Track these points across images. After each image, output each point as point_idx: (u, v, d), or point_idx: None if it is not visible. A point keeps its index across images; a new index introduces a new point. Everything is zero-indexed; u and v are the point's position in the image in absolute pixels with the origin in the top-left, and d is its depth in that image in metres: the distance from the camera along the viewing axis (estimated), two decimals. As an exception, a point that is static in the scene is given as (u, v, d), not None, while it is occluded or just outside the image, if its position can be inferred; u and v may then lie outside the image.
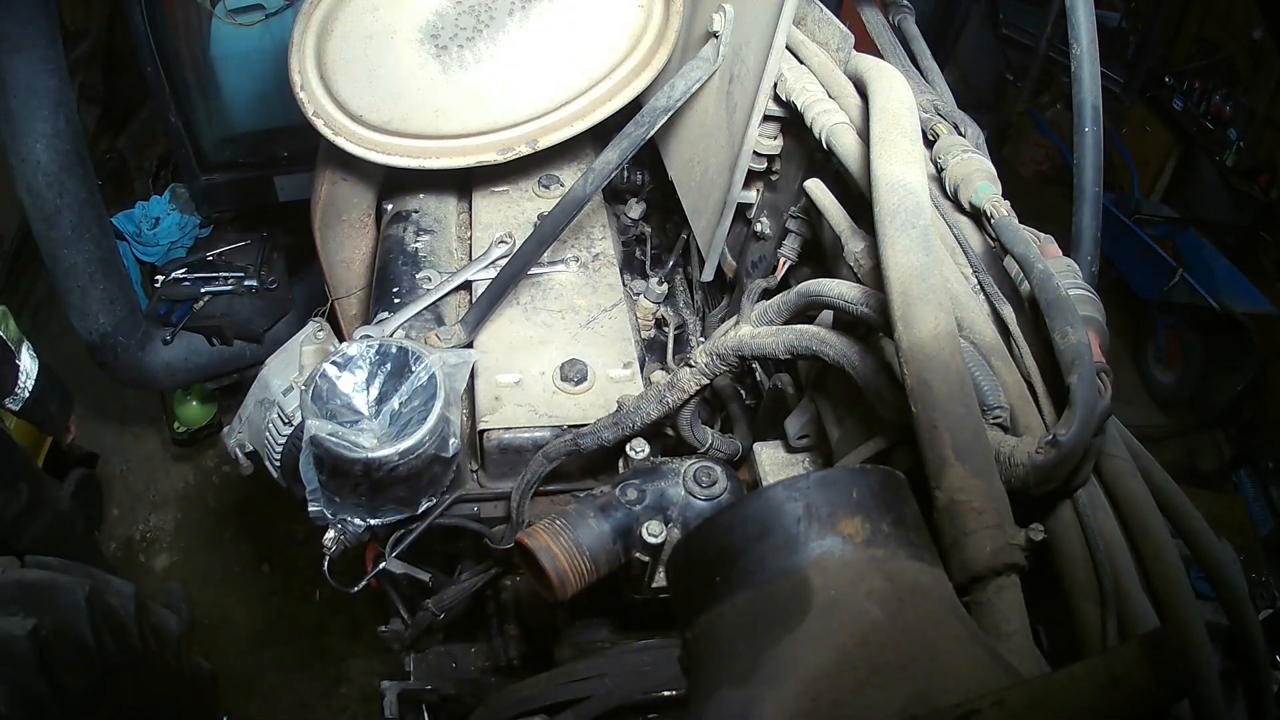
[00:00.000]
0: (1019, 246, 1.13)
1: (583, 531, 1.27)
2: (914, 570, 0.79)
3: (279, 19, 3.36)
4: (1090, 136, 1.33)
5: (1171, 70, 5.62)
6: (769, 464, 1.49)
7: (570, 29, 1.88)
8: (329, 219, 2.14)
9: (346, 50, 1.83)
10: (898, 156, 1.18)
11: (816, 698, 0.69)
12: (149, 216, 4.12)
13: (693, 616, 0.82)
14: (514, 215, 2.02)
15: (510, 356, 1.66)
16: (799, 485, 0.80)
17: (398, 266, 1.90)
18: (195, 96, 3.70)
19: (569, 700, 1.39)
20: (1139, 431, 1.13)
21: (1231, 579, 0.99)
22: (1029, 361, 1.10)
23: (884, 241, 1.09)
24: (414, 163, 1.87)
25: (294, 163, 3.75)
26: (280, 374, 1.83)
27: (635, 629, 1.64)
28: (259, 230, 4.19)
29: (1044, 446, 0.95)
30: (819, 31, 1.65)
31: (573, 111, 1.91)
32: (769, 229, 1.77)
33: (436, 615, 1.76)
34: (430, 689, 1.87)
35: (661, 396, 1.42)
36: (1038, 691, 0.61)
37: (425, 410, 1.37)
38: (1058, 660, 0.95)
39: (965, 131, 1.45)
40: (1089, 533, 1.00)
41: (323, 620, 3.85)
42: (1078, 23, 1.37)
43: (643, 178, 2.25)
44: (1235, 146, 5.16)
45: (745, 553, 0.79)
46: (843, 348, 1.19)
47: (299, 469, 1.45)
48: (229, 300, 3.98)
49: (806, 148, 1.61)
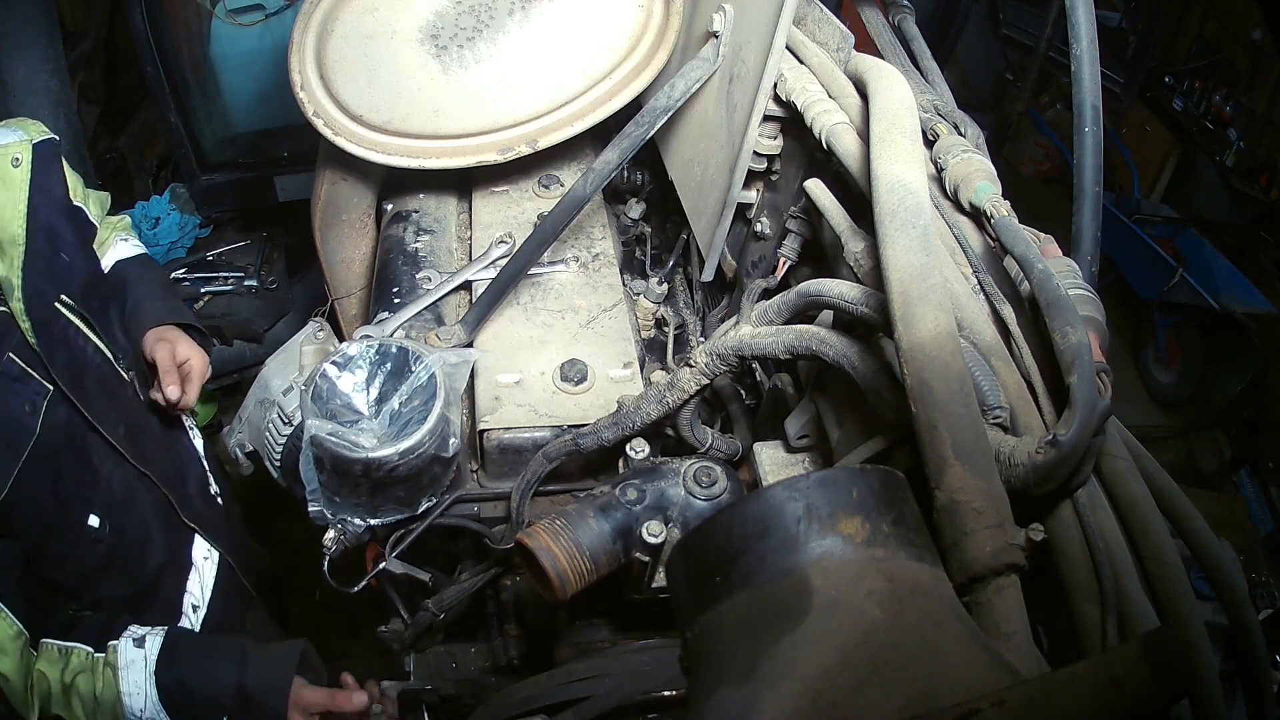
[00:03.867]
0: (1019, 246, 1.13)
1: (583, 531, 1.27)
2: (914, 570, 0.79)
3: (279, 19, 3.36)
4: (1090, 136, 1.33)
5: (1171, 70, 5.62)
6: (769, 464, 1.49)
7: (570, 29, 1.88)
8: (329, 219, 2.14)
9: (346, 50, 1.84)
10: (898, 156, 1.18)
11: (816, 698, 0.69)
12: (149, 216, 4.12)
13: (693, 616, 0.82)
14: (514, 215, 2.02)
15: (510, 356, 1.66)
16: (799, 485, 0.80)
17: (398, 266, 1.90)
18: (195, 96, 3.70)
19: (569, 700, 1.39)
20: (1139, 431, 1.13)
21: (1231, 579, 1.00)
22: (1029, 361, 1.10)
23: (884, 241, 1.09)
24: (414, 163, 1.87)
25: (294, 163, 3.75)
26: (280, 374, 1.83)
27: (635, 629, 1.64)
28: (259, 230, 4.19)
29: (1044, 446, 0.95)
30: (819, 31, 1.65)
31: (573, 111, 1.91)
32: (769, 229, 1.77)
33: (436, 615, 1.76)
34: (430, 689, 1.87)
35: (661, 396, 1.42)
36: (1038, 691, 0.61)
37: (425, 410, 1.37)
38: (1058, 660, 0.95)
39: (965, 131, 1.45)
40: (1089, 533, 1.00)
41: (323, 620, 3.85)
42: (1078, 23, 1.37)
43: (643, 178, 2.25)
44: (1235, 146, 5.16)
45: (745, 553, 0.79)
46: (843, 348, 1.19)
47: (299, 469, 1.45)
48: (229, 300, 3.98)
49: (806, 148, 1.61)
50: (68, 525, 1.79)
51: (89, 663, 1.71)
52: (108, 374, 1.90)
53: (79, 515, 1.81)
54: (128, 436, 1.90)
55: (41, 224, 1.78)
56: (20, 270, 1.71)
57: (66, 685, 1.68)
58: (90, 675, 1.70)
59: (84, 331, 1.85)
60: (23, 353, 1.72)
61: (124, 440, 1.87)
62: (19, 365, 1.71)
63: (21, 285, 1.71)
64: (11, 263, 1.71)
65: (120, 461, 1.89)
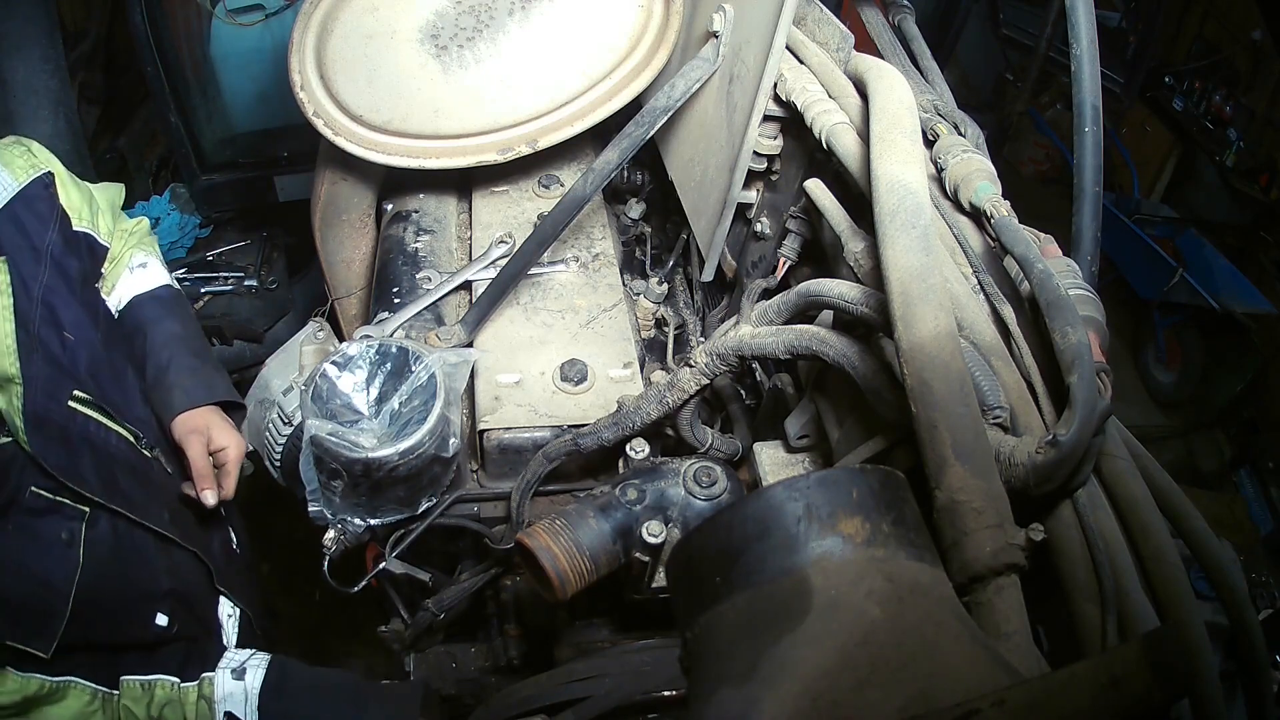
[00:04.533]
0: (1019, 246, 1.13)
1: (583, 531, 1.27)
2: (914, 570, 0.79)
3: (279, 19, 3.36)
4: (1090, 136, 1.33)
5: (1171, 70, 5.62)
6: (769, 464, 1.49)
7: (570, 29, 1.88)
8: (329, 219, 2.14)
9: (346, 50, 1.84)
10: (898, 156, 1.18)
11: (816, 698, 0.69)
12: (149, 216, 4.11)
13: (693, 616, 0.82)
14: (514, 215, 2.02)
15: (510, 356, 1.66)
16: (799, 485, 0.80)
17: (398, 266, 1.90)
18: (195, 96, 3.70)
19: (569, 700, 1.39)
20: (1139, 431, 1.13)
21: (1231, 579, 1.00)
22: (1029, 361, 1.10)
23: (884, 241, 1.09)
24: (414, 163, 1.87)
25: (294, 163, 3.75)
26: (280, 374, 1.83)
27: (635, 629, 1.64)
28: (259, 230, 4.19)
29: (1044, 446, 0.95)
30: (819, 31, 1.65)
31: (573, 111, 1.91)
32: (769, 229, 1.77)
33: (436, 615, 1.76)
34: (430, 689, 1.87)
35: (661, 396, 1.42)
36: (1038, 691, 0.61)
37: (425, 410, 1.37)
38: (1058, 660, 0.95)
39: (965, 131, 1.45)
40: (1089, 533, 1.00)
41: (323, 620, 3.85)
42: (1078, 23, 1.37)
43: (643, 178, 2.25)
44: (1235, 146, 5.16)
45: (745, 553, 0.79)
46: (843, 348, 1.19)
47: (299, 469, 1.45)
48: (229, 300, 3.98)
49: (806, 148, 1.62)
50: (138, 628, 1.66)
51: (176, 694, 1.61)
52: (137, 462, 1.72)
53: (147, 617, 1.68)
54: (173, 521, 1.75)
55: (36, 332, 1.57)
56: (20, 404, 1.52)
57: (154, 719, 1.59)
58: (180, 706, 1.60)
59: (105, 424, 1.65)
60: (44, 482, 1.53)
61: (171, 526, 1.73)
62: (45, 497, 1.53)
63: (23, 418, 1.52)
64: (10, 400, 1.53)
65: (170, 548, 1.74)
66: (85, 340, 1.68)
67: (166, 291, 1.90)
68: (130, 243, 1.91)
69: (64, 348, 1.63)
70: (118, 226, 1.91)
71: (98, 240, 1.81)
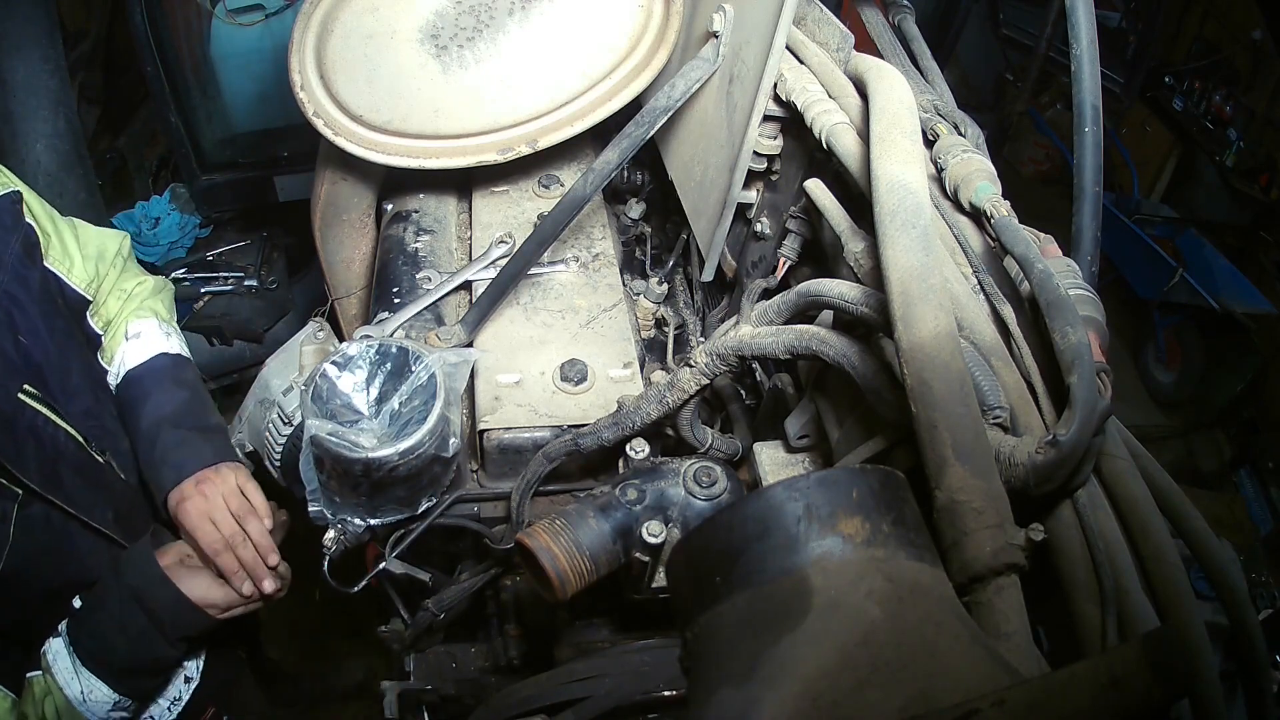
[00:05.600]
0: (1019, 246, 1.13)
1: (583, 531, 1.27)
2: (914, 570, 0.79)
3: (279, 19, 3.37)
4: (1090, 136, 1.33)
5: (1171, 70, 5.63)
6: (769, 464, 1.49)
7: (570, 29, 1.88)
8: (329, 219, 2.14)
9: (346, 50, 1.83)
10: (898, 156, 1.18)
11: (816, 698, 0.69)
12: (149, 216, 4.13)
13: (693, 616, 0.82)
14: (514, 215, 2.02)
15: (510, 356, 1.66)
16: (799, 485, 0.80)
17: (398, 266, 1.90)
18: (195, 96, 3.71)
19: (569, 700, 1.39)
20: (1139, 431, 1.13)
21: (1231, 579, 1.00)
22: (1029, 361, 1.10)
23: (884, 241, 1.09)
24: (414, 163, 1.87)
25: (294, 163, 3.76)
26: (280, 374, 1.83)
27: (635, 629, 1.64)
28: (259, 230, 4.20)
29: (1044, 446, 0.95)
30: (819, 31, 1.65)
31: (573, 111, 1.91)
32: (769, 229, 1.77)
33: (436, 615, 1.76)
34: (430, 689, 1.87)
35: (661, 396, 1.42)
36: (1038, 691, 0.61)
37: (425, 410, 1.37)
38: (1058, 660, 0.95)
39: (965, 131, 1.45)
40: (1089, 533, 1.00)
41: (323, 620, 3.85)
42: (1078, 23, 1.37)
43: (643, 178, 2.25)
44: (1235, 146, 5.16)
45: (745, 553, 0.79)
46: (843, 348, 1.19)
47: (299, 469, 1.45)
48: (229, 300, 3.99)
49: (806, 148, 1.61)
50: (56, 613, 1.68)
51: (46, 683, 1.62)
52: (85, 461, 1.72)
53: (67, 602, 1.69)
54: (118, 521, 1.75)
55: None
56: None
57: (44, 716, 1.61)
58: (50, 693, 1.61)
59: (53, 419, 1.66)
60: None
61: (114, 526, 1.73)
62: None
63: None
64: None
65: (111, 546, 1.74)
66: (40, 349, 1.67)
67: (161, 361, 1.86)
68: (130, 307, 1.88)
69: (17, 349, 1.62)
70: (118, 285, 1.88)
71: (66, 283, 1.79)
